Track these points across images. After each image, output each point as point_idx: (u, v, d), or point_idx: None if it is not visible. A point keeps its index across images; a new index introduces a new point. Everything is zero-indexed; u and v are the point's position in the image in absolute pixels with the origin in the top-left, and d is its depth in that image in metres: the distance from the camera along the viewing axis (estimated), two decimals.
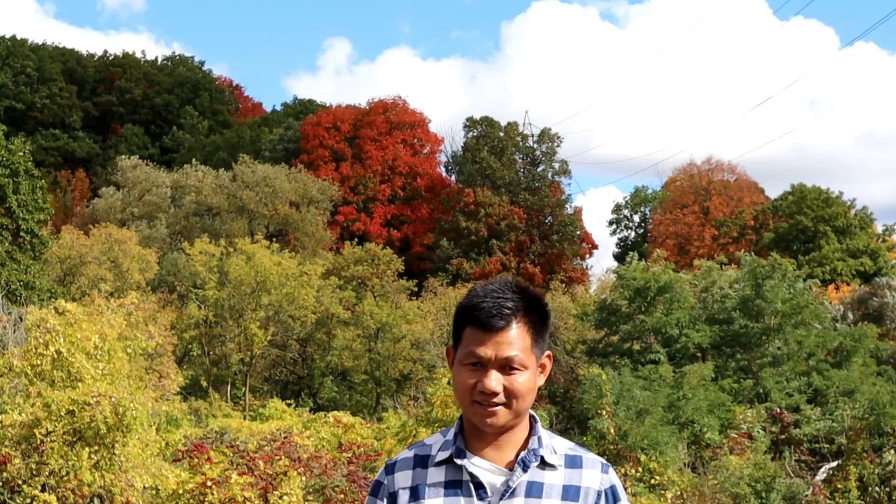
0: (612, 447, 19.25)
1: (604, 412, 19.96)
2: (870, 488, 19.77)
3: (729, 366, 25.83)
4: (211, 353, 31.82)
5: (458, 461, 2.64)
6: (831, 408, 22.63)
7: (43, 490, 11.37)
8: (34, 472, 11.39)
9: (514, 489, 2.61)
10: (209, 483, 11.87)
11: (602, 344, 29.88)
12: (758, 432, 21.41)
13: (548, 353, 2.72)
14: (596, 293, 40.79)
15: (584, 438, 19.80)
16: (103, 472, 11.66)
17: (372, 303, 33.73)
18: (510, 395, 2.61)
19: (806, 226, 48.75)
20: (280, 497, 12.27)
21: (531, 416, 2.73)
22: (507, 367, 2.60)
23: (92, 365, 13.48)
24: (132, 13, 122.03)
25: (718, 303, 27.72)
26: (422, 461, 2.71)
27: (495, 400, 2.60)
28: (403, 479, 2.70)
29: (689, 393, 21.64)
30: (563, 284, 43.27)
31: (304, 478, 13.41)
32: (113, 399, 11.51)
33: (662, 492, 18.24)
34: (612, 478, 2.67)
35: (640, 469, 18.78)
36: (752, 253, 32.65)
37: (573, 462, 2.67)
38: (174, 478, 12.32)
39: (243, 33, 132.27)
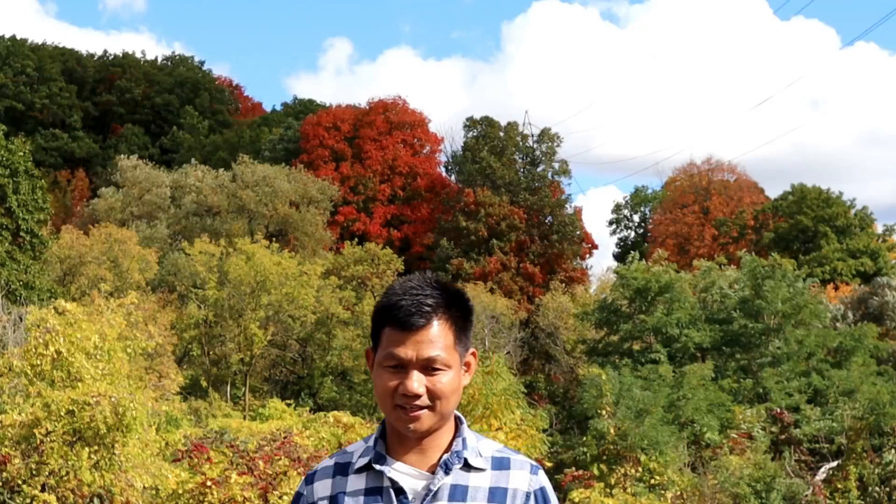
0: (611, 447, 19.25)
1: (604, 412, 19.97)
2: (870, 488, 19.77)
3: (729, 366, 25.84)
4: (211, 353, 31.82)
5: (378, 467, 2.54)
6: (831, 408, 22.63)
7: (43, 490, 11.37)
8: (34, 472, 11.39)
9: (436, 493, 2.51)
10: (209, 483, 11.87)
11: (602, 343, 29.90)
12: (758, 432, 21.40)
13: (472, 350, 2.61)
14: (596, 293, 40.80)
15: (584, 438, 19.81)
16: (103, 472, 11.66)
17: (372, 303, 33.74)
18: (433, 396, 2.49)
19: (806, 226, 48.76)
20: (280, 497, 12.27)
21: (457, 418, 2.61)
22: (429, 367, 2.49)
23: (92, 365, 13.48)
24: (133, 13, 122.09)
25: (718, 303, 27.73)
26: (342, 469, 2.61)
27: (418, 403, 2.48)
28: (323, 488, 2.61)
29: (688, 393, 21.65)
30: (563, 284, 43.28)
31: (304, 478, 13.40)
32: (113, 399, 11.50)
33: (662, 492, 18.24)
34: (542, 479, 2.57)
35: (640, 469, 18.79)
36: (752, 253, 32.65)
37: (500, 464, 2.56)
38: (174, 478, 12.32)
39: (244, 33, 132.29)
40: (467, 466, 2.54)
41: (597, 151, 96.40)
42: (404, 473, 2.54)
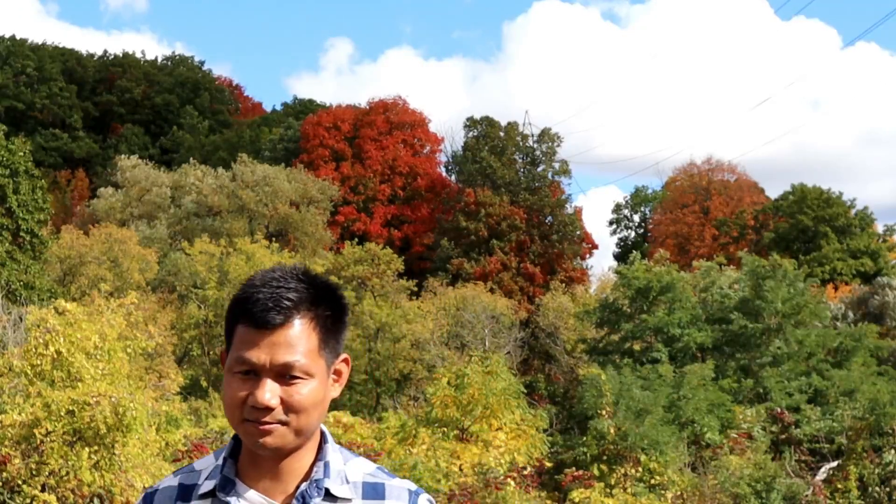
0: (611, 447, 19.26)
1: (603, 412, 19.97)
2: (870, 488, 19.76)
3: (729, 366, 25.84)
4: (211, 352, 31.81)
5: (222, 497, 2.11)
6: (831, 408, 22.63)
7: (43, 490, 11.37)
8: (34, 472, 11.39)
9: None
10: None
11: (603, 343, 29.91)
12: (758, 432, 21.40)
13: (344, 356, 2.19)
14: (596, 293, 40.81)
15: (584, 438, 19.81)
16: (103, 472, 11.66)
17: (372, 303, 33.73)
18: (289, 409, 2.05)
19: (806, 226, 48.77)
20: None
21: (323, 436, 2.18)
22: (285, 375, 2.06)
23: (92, 365, 13.47)
24: (134, 13, 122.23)
25: (718, 303, 27.74)
26: (185, 493, 2.17)
27: (269, 418, 2.04)
28: None
29: (689, 393, 21.65)
30: (564, 284, 43.28)
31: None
32: (113, 399, 11.50)
33: (662, 492, 18.24)
34: None
35: (640, 469, 18.79)
36: (752, 253, 32.66)
37: (373, 491, 2.15)
38: None
39: (245, 33, 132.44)
40: (329, 497, 2.12)
41: (597, 151, 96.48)
42: None
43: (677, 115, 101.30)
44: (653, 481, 18.56)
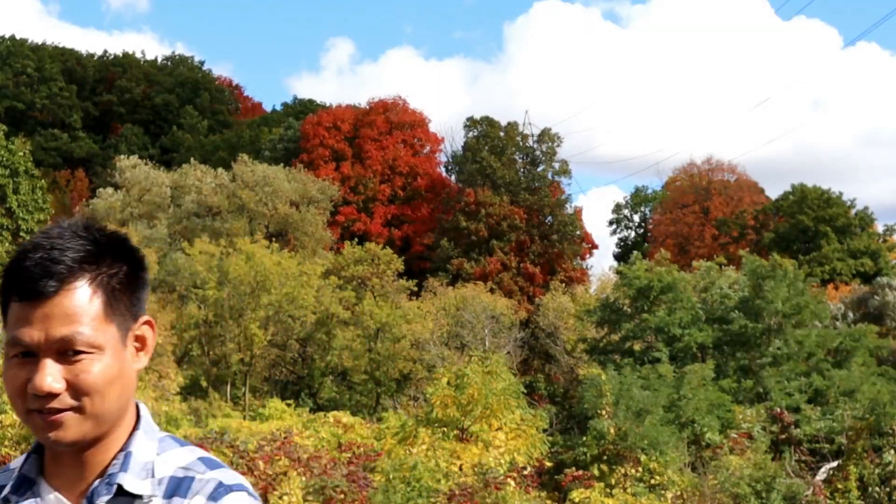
0: (611, 447, 19.25)
1: (603, 412, 19.97)
2: (870, 488, 19.75)
3: (729, 365, 25.85)
4: (211, 352, 31.81)
5: (13, 499, 1.80)
6: (831, 408, 22.63)
7: None
8: None
9: None
10: None
11: (603, 343, 29.92)
12: (758, 432, 21.40)
13: (146, 318, 1.86)
14: (596, 293, 40.81)
15: (584, 438, 19.81)
16: None
17: (372, 303, 33.73)
18: (80, 392, 1.71)
19: (806, 226, 48.78)
20: (280, 497, 12.26)
21: (138, 420, 1.85)
22: (67, 351, 1.71)
23: None
24: (136, 14, 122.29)
25: (718, 303, 27.75)
26: None
27: (56, 404, 1.70)
28: None
29: (689, 393, 21.65)
30: (563, 284, 43.27)
31: (304, 478, 13.40)
32: None
33: (662, 492, 18.24)
34: None
35: (640, 469, 18.78)
36: (753, 253, 32.66)
37: (178, 487, 1.76)
38: None
39: (246, 33, 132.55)
40: (123, 493, 1.75)
41: (598, 151, 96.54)
42: None
43: (678, 115, 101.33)
44: (653, 481, 18.55)
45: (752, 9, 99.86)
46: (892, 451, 20.08)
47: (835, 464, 20.82)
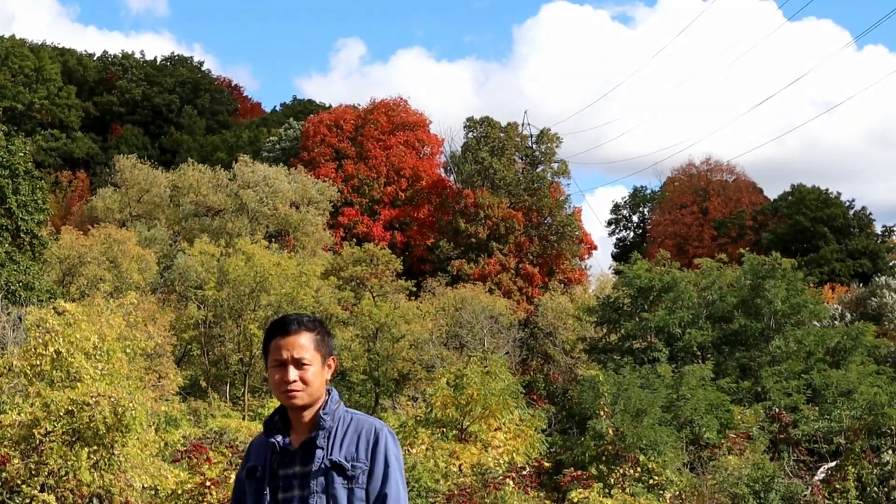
0: (610, 447, 19.28)
1: (602, 412, 20.00)
2: (868, 488, 19.77)
3: (729, 365, 25.87)
4: (210, 353, 31.82)
5: (266, 438, 3.95)
6: (830, 408, 22.64)
7: (42, 490, 11.39)
8: (33, 472, 11.41)
9: None
10: (208, 483, 11.89)
11: (602, 342, 29.94)
12: (756, 432, 21.42)
13: (333, 356, 4.13)
14: (595, 293, 40.84)
15: (583, 438, 19.83)
16: (102, 472, 11.67)
17: (370, 303, 33.75)
18: (303, 382, 3.85)
19: (804, 226, 48.79)
20: None
21: (330, 398, 3.99)
22: (299, 363, 3.88)
23: (91, 365, 13.49)
24: (155, 17, 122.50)
25: (718, 302, 27.78)
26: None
27: (293, 388, 3.87)
28: None
29: (687, 393, 21.68)
30: (562, 285, 43.29)
31: None
32: (112, 399, 11.52)
33: (661, 492, 18.27)
34: None
35: (638, 469, 18.81)
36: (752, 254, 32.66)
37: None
38: (173, 478, 12.33)
39: (258, 35, 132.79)
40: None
41: (603, 151, 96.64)
42: None
43: (678, 116, 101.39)
44: (651, 481, 18.58)
45: (759, 8, 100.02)
46: (891, 451, 20.11)
47: (833, 464, 20.84)
